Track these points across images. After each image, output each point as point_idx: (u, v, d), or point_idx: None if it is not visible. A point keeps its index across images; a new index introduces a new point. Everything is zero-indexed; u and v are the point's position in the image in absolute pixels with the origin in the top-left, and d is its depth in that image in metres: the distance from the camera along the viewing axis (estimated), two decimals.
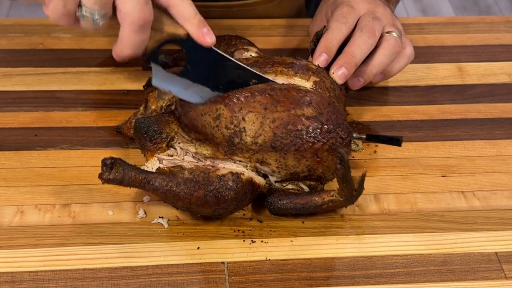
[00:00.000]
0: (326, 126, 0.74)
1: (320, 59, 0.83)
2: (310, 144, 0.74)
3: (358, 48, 0.83)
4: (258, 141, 0.74)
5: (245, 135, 0.74)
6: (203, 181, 0.73)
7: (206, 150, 0.77)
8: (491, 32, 1.08)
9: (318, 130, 0.74)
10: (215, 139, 0.75)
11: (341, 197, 0.74)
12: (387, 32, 0.87)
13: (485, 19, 1.11)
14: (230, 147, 0.75)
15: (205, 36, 0.76)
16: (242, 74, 0.78)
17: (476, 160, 0.86)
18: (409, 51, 0.90)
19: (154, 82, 0.78)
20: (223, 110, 0.75)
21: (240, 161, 0.76)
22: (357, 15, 0.87)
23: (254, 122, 0.74)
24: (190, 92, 0.78)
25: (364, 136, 0.81)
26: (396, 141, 0.81)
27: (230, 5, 1.10)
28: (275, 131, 0.74)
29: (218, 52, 0.77)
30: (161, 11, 0.77)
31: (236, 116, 0.74)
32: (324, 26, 0.87)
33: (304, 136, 0.74)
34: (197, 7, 1.09)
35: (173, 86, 0.78)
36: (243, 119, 0.74)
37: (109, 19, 0.76)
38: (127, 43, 0.75)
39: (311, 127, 0.74)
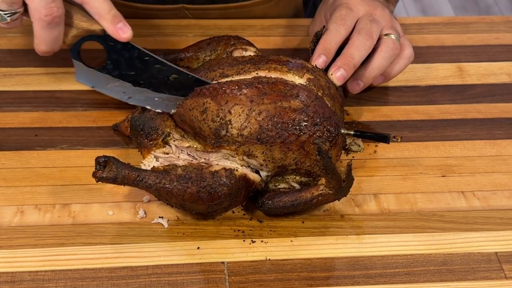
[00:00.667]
0: (312, 119, 0.75)
1: (318, 60, 0.83)
2: (296, 137, 0.74)
3: (357, 50, 0.83)
4: (244, 133, 0.74)
5: (231, 128, 0.74)
6: (196, 178, 0.73)
7: (197, 145, 0.78)
8: (491, 32, 1.08)
9: (304, 123, 0.74)
10: (202, 132, 0.76)
11: (330, 190, 0.74)
12: (386, 35, 0.87)
13: (485, 19, 1.11)
14: (217, 139, 0.75)
15: (120, 31, 0.76)
16: (162, 69, 0.79)
17: (476, 160, 0.86)
18: (408, 52, 0.90)
19: (77, 78, 0.80)
20: (210, 103, 0.75)
21: (228, 154, 0.76)
22: (356, 17, 0.87)
23: (240, 115, 0.74)
24: (112, 87, 0.79)
25: (352, 132, 0.81)
26: (383, 138, 0.80)
27: (227, 7, 1.10)
28: (261, 123, 0.74)
29: (136, 48, 0.78)
30: (76, 7, 0.77)
31: (222, 109, 0.75)
32: (324, 27, 0.87)
33: (290, 128, 0.74)
34: (195, 9, 1.09)
35: (95, 82, 0.79)
36: (229, 112, 0.74)
37: (21, 17, 0.76)
38: (39, 39, 0.76)
39: (297, 119, 0.74)
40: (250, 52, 0.87)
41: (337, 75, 0.82)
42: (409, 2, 2.71)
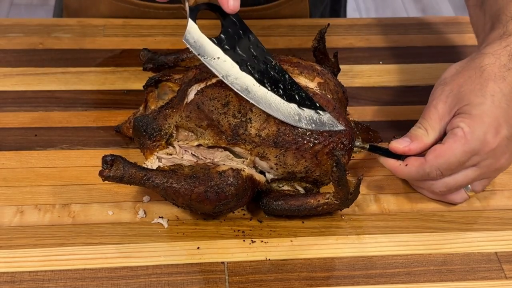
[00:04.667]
0: (329, 130, 0.75)
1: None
2: (311, 145, 0.74)
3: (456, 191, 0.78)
4: (262, 134, 0.74)
5: (250, 127, 0.74)
6: (203, 177, 0.73)
7: (208, 140, 0.77)
8: None
9: (320, 133, 0.74)
10: (220, 127, 0.76)
11: (336, 200, 0.74)
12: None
13: None
14: (234, 136, 0.75)
15: (229, 0, 0.75)
16: (268, 60, 0.77)
17: None
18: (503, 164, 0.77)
19: (185, 38, 0.76)
20: (232, 97, 0.75)
21: (241, 153, 0.76)
22: (473, 150, 0.74)
23: (260, 114, 0.74)
24: (217, 63, 0.76)
25: (367, 147, 0.79)
26: (398, 157, 0.78)
27: None
28: (279, 126, 0.74)
29: (252, 34, 0.77)
30: None
31: (244, 106, 0.75)
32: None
33: (306, 136, 0.74)
34: None
35: (202, 50, 0.76)
36: (251, 109, 0.74)
37: None
38: None
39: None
40: None
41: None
42: (409, 2, 2.71)
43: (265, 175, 0.77)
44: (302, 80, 0.79)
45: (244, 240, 0.75)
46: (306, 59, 0.83)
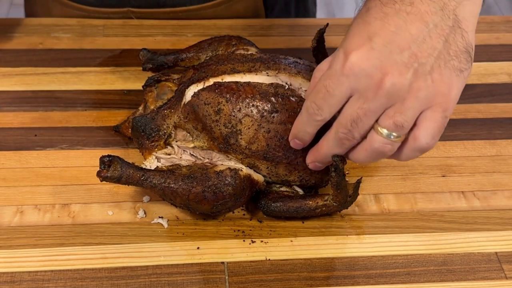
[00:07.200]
0: None
1: (293, 143, 0.73)
2: (303, 159, 0.74)
3: (327, 149, 0.69)
4: (251, 147, 0.74)
5: (241, 138, 0.74)
6: (201, 177, 0.73)
7: (202, 143, 0.77)
8: (491, 32, 1.08)
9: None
10: (212, 133, 0.76)
11: (335, 202, 0.74)
12: (379, 127, 0.64)
13: (485, 19, 1.11)
14: (225, 145, 0.75)
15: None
16: None
17: (476, 160, 0.86)
18: (421, 143, 0.65)
19: None
20: (224, 105, 0.75)
21: (234, 158, 0.76)
22: (347, 91, 0.63)
23: (249, 128, 0.74)
24: None
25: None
26: None
27: (176, 10, 1.08)
28: (268, 142, 0.73)
29: None
30: None
31: (234, 116, 0.74)
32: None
33: (298, 152, 0.73)
34: (141, 13, 1.07)
35: None
36: (240, 121, 0.74)
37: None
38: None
39: None
40: (251, 53, 0.87)
41: (311, 166, 0.73)
42: None
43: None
44: (300, 80, 0.78)
45: (244, 240, 0.75)
46: (306, 59, 0.83)
